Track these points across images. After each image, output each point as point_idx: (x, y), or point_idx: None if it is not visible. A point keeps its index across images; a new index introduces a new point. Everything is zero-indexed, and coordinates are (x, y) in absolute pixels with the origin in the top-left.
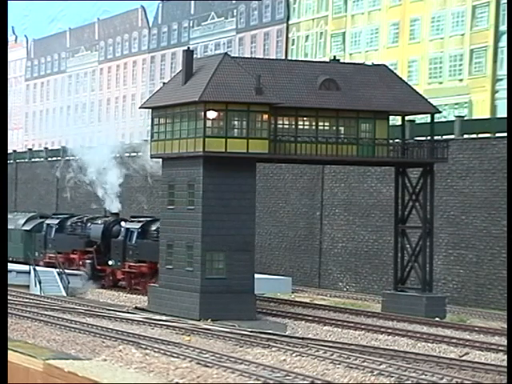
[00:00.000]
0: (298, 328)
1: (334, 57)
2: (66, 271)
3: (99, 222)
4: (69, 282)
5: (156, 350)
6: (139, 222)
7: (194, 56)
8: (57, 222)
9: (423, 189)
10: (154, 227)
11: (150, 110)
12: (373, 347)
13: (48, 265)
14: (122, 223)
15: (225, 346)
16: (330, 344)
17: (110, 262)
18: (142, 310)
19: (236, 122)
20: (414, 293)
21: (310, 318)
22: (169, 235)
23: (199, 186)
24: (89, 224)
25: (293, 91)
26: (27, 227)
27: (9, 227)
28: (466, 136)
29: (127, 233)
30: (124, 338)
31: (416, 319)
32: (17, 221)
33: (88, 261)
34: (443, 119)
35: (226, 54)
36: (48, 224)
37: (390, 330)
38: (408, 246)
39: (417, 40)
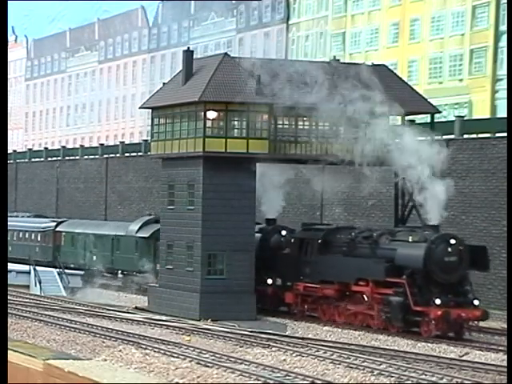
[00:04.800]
0: (297, 328)
1: (334, 57)
2: (66, 271)
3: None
4: (69, 282)
5: (156, 349)
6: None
7: (194, 56)
8: None
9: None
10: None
11: (150, 110)
12: (373, 347)
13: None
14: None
15: (225, 346)
16: (330, 344)
17: None
18: (142, 310)
19: (236, 122)
20: None
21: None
22: (169, 235)
23: (199, 186)
24: None
25: (293, 91)
26: (144, 234)
27: (115, 233)
28: (465, 136)
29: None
30: (124, 337)
31: None
32: (127, 226)
33: None
34: (443, 119)
35: (225, 54)
36: None
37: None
38: None
39: (417, 40)
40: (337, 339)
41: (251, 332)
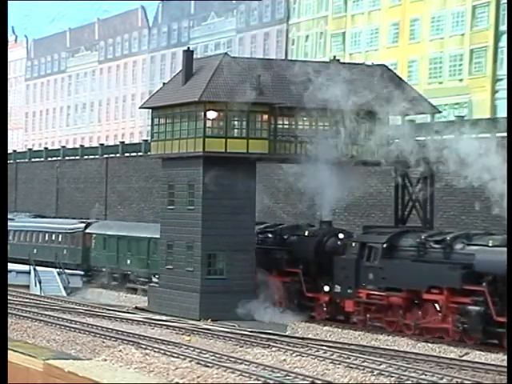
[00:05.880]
0: (297, 328)
1: (334, 57)
2: (66, 271)
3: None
4: (69, 282)
5: (156, 350)
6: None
7: (194, 56)
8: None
9: (423, 189)
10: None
11: (150, 110)
12: (373, 347)
13: None
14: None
15: (225, 346)
16: (330, 344)
17: None
18: (142, 310)
19: (236, 122)
20: None
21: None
22: (169, 235)
23: (199, 186)
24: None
25: (293, 91)
26: None
27: (151, 235)
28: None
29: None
30: (124, 337)
31: None
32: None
33: None
34: (443, 119)
35: (225, 53)
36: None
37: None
38: None
39: (417, 40)
40: (337, 339)
41: (251, 332)
